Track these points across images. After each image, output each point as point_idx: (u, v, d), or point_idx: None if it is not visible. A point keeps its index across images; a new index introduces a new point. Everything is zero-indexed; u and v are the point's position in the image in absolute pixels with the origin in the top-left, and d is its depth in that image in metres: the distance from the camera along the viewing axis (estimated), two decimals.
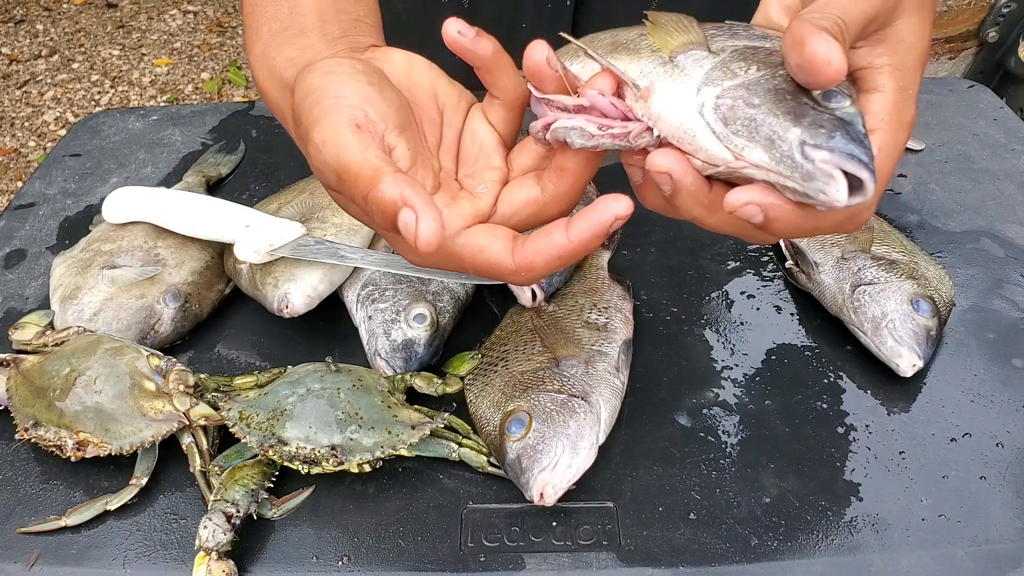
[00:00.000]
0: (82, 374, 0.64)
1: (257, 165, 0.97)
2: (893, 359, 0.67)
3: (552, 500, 0.57)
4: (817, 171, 0.38)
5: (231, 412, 0.63)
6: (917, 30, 0.52)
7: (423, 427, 0.62)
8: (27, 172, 2.74)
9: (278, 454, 0.60)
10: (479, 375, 0.68)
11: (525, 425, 0.60)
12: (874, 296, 0.70)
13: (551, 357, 0.66)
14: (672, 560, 0.57)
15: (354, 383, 0.64)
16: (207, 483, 0.61)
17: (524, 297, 0.75)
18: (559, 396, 0.62)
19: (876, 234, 0.76)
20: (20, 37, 3.42)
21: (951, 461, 0.62)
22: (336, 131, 0.45)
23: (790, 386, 0.69)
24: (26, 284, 0.82)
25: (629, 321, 0.71)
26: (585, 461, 0.59)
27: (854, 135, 0.39)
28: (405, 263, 0.71)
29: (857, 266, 0.72)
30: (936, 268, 0.74)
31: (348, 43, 0.54)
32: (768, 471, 0.62)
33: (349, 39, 0.54)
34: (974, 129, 0.99)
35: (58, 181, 0.96)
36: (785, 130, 0.39)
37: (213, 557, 0.55)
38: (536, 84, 0.46)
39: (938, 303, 0.70)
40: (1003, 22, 1.93)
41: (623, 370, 0.66)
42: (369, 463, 0.61)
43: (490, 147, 0.51)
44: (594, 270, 0.78)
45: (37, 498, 0.62)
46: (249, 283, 0.73)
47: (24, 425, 0.63)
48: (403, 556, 0.58)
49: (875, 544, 0.57)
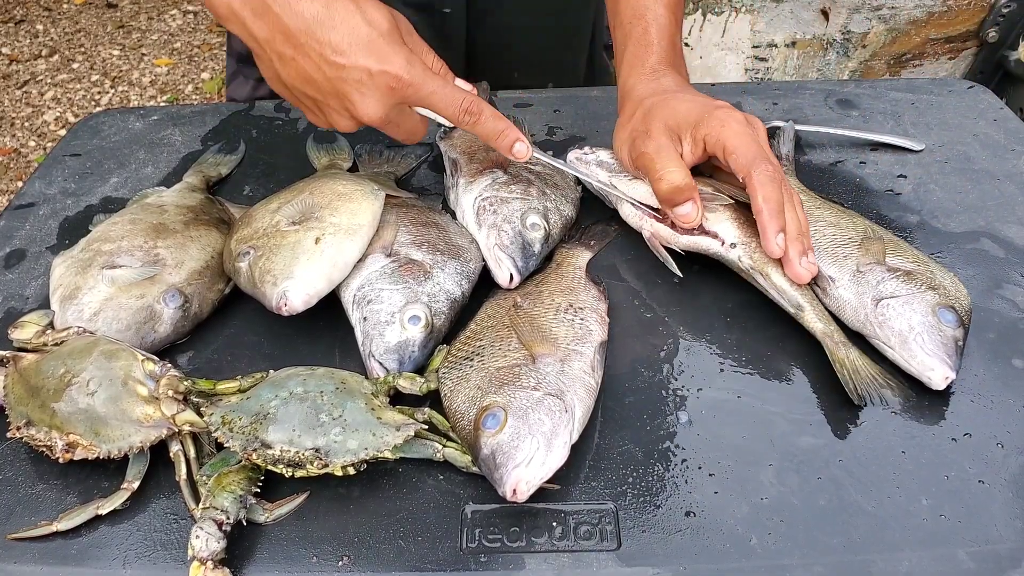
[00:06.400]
0: (76, 376, 0.64)
1: (257, 165, 0.97)
2: (925, 373, 0.66)
3: (524, 497, 0.57)
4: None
5: (214, 417, 0.63)
6: (672, 74, 0.84)
7: (407, 429, 0.62)
8: (27, 172, 2.74)
9: (262, 458, 0.60)
10: (453, 368, 0.67)
11: (500, 421, 0.60)
12: (898, 309, 0.68)
13: (527, 354, 0.66)
14: (672, 560, 0.57)
15: (337, 386, 0.64)
16: (193, 493, 0.61)
17: (501, 277, 0.75)
18: (535, 393, 0.62)
19: (886, 243, 0.75)
20: (20, 37, 3.42)
21: (951, 461, 0.62)
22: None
23: (790, 385, 0.69)
24: (26, 284, 0.82)
25: (604, 321, 0.72)
26: (558, 459, 0.59)
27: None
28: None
29: (876, 279, 0.71)
30: (949, 275, 0.73)
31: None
32: (768, 471, 0.62)
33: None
34: (974, 130, 0.98)
35: (58, 181, 0.96)
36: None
37: (209, 567, 0.55)
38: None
39: (960, 312, 0.69)
40: (1003, 22, 1.93)
41: (598, 370, 0.67)
42: (353, 465, 0.61)
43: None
44: (572, 269, 0.78)
45: (37, 498, 0.62)
46: (248, 281, 0.73)
47: (17, 424, 0.63)
48: (403, 556, 0.58)
49: (875, 544, 0.57)
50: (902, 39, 1.98)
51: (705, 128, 0.75)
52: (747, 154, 0.73)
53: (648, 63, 0.83)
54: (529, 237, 0.77)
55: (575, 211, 0.85)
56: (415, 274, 0.73)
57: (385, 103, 0.70)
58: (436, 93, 0.71)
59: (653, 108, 0.79)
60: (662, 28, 0.84)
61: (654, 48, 0.84)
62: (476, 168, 0.83)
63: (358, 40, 0.67)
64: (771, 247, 0.71)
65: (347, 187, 0.78)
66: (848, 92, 1.07)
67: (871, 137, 0.97)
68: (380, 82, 0.68)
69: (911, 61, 2.03)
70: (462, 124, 0.74)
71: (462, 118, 0.73)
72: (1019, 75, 1.95)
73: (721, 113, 0.76)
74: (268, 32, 0.67)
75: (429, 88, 0.70)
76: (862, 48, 1.99)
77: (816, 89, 1.08)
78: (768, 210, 0.71)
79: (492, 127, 0.74)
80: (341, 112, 0.71)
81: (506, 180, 0.82)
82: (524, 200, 0.80)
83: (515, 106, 1.05)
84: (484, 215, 0.79)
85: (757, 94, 1.07)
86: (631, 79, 0.84)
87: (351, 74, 0.67)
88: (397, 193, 0.83)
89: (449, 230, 0.80)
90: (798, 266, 0.71)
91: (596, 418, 0.66)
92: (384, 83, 0.68)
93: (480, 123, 0.74)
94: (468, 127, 0.74)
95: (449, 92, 0.72)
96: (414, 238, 0.77)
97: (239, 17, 0.67)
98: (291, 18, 0.66)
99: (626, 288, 0.79)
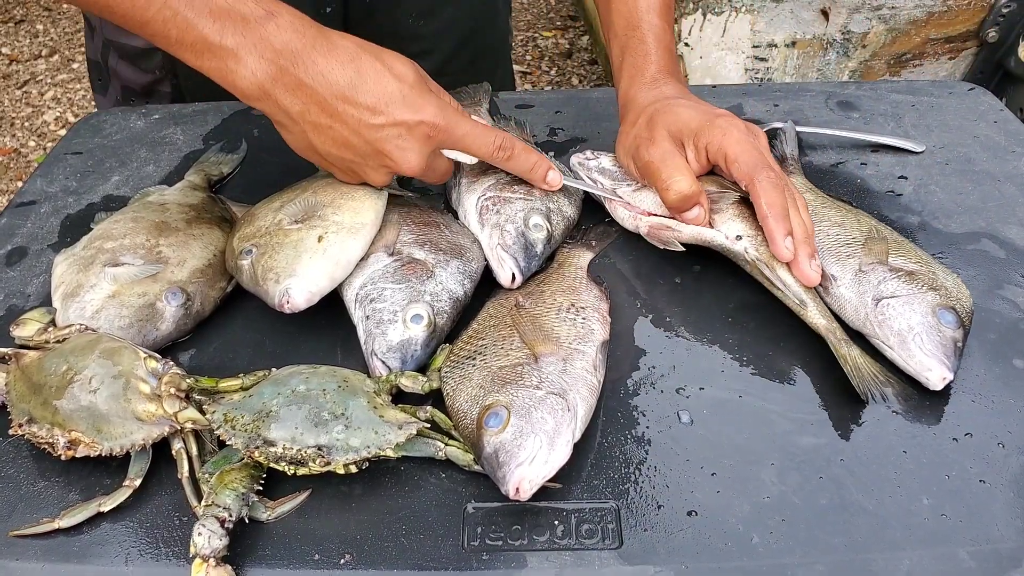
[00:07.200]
0: (79, 373, 0.64)
1: (259, 164, 0.97)
2: (923, 373, 0.66)
3: (527, 495, 0.57)
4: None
5: (216, 415, 0.63)
6: (672, 83, 0.84)
7: (409, 427, 0.62)
8: (27, 172, 2.74)
9: (264, 455, 0.60)
10: (456, 367, 0.67)
11: (503, 420, 0.60)
12: (898, 309, 0.69)
13: (529, 353, 0.66)
14: (674, 559, 0.57)
15: (339, 384, 0.64)
16: (195, 490, 0.61)
17: (503, 276, 0.75)
18: (538, 392, 0.62)
19: (889, 244, 0.75)
20: (20, 37, 3.42)
21: (952, 461, 0.62)
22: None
23: (792, 385, 0.69)
24: (28, 281, 0.82)
25: (606, 321, 0.72)
26: (561, 458, 0.59)
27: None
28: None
29: (877, 278, 0.71)
30: (952, 277, 0.73)
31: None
32: (770, 470, 0.62)
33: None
34: (974, 131, 0.99)
35: (59, 179, 0.96)
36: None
37: (211, 564, 0.55)
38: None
39: (960, 313, 0.69)
40: (1003, 22, 1.93)
41: (600, 369, 0.67)
42: (355, 463, 0.61)
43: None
44: (573, 269, 0.78)
45: (39, 496, 0.62)
46: (250, 279, 0.73)
47: (19, 421, 0.63)
48: (405, 554, 0.58)
49: (877, 543, 0.57)
50: (902, 39, 1.99)
51: (707, 137, 0.76)
52: (749, 162, 0.74)
53: (648, 72, 0.84)
54: (532, 238, 0.77)
55: (577, 213, 0.85)
56: (418, 273, 0.73)
57: (423, 152, 0.71)
58: (469, 135, 0.73)
59: (656, 114, 0.79)
60: (658, 37, 0.85)
61: (652, 57, 0.85)
62: (478, 168, 0.83)
63: (391, 97, 0.69)
64: (780, 251, 0.71)
65: (350, 186, 0.79)
66: (849, 94, 1.07)
67: (872, 139, 0.97)
68: (418, 133, 0.70)
69: (911, 61, 2.03)
70: (496, 161, 0.77)
71: (496, 155, 0.76)
72: (1019, 75, 1.96)
73: (722, 122, 0.76)
74: (303, 105, 0.68)
75: (463, 130, 0.73)
76: (862, 48, 1.99)
77: (817, 91, 1.08)
78: (773, 215, 0.71)
79: (525, 161, 0.78)
80: (378, 169, 0.73)
81: (509, 180, 0.82)
82: (527, 200, 0.80)
83: (516, 107, 1.05)
84: (487, 215, 0.79)
85: (758, 96, 1.07)
86: (632, 89, 0.84)
87: (390, 132, 0.69)
88: (399, 192, 0.83)
89: (451, 229, 0.80)
90: (808, 268, 0.71)
91: (598, 417, 0.66)
92: (422, 133, 0.70)
93: (513, 158, 0.77)
94: (501, 163, 0.77)
95: (481, 132, 0.74)
96: (416, 237, 0.77)
97: (271, 96, 0.68)
98: (326, 88, 0.67)
99: (628, 288, 0.79)
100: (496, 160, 0.76)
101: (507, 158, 0.76)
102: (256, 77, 0.67)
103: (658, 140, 0.77)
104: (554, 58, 3.22)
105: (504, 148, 0.76)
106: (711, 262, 0.80)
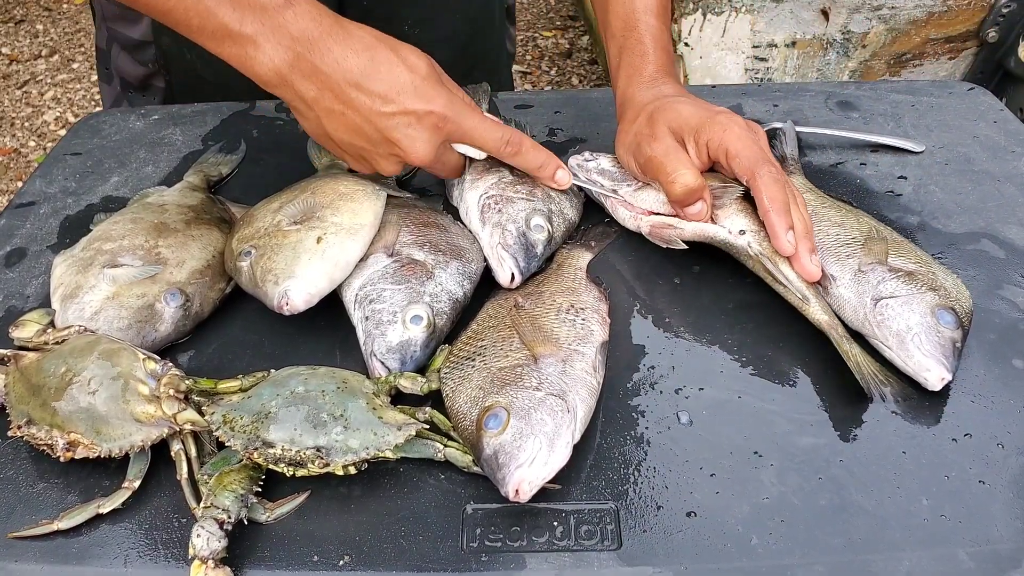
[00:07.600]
0: (77, 374, 0.64)
1: (258, 164, 0.97)
2: (921, 373, 0.66)
3: (527, 497, 0.57)
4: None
5: (215, 416, 0.63)
6: (670, 82, 0.84)
7: (408, 428, 0.62)
8: (27, 172, 2.74)
9: (263, 457, 0.60)
10: (455, 368, 0.67)
11: (503, 421, 0.60)
12: (897, 309, 0.68)
13: (529, 354, 0.66)
14: (673, 560, 0.57)
15: (338, 385, 0.64)
16: (194, 492, 0.61)
17: (503, 276, 0.75)
18: (537, 393, 0.62)
19: (889, 244, 0.75)
20: (20, 37, 3.42)
21: (952, 461, 0.62)
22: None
23: (791, 386, 0.69)
24: (27, 283, 0.82)
25: (606, 322, 0.72)
26: (561, 459, 0.59)
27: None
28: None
29: (876, 279, 0.71)
30: (952, 277, 0.73)
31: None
32: (769, 470, 0.62)
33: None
34: (974, 131, 0.99)
35: (59, 180, 0.96)
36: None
37: (210, 565, 0.55)
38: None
39: (959, 313, 0.69)
40: (1003, 22, 1.93)
41: (599, 370, 0.67)
42: (355, 465, 0.61)
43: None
44: (573, 270, 0.78)
45: (38, 497, 0.62)
46: (249, 280, 0.73)
47: (18, 422, 0.63)
48: (404, 555, 0.58)
49: (876, 544, 0.57)
50: (902, 39, 1.98)
51: (707, 133, 0.76)
52: (750, 157, 0.74)
53: (646, 72, 0.84)
54: (532, 238, 0.77)
55: (578, 215, 0.85)
56: (417, 274, 0.73)
57: (432, 142, 0.72)
58: (478, 128, 0.74)
59: (656, 112, 0.79)
60: (655, 37, 0.86)
61: (650, 58, 0.85)
62: (483, 165, 0.83)
63: (403, 87, 0.70)
64: (782, 245, 0.71)
65: (349, 187, 0.79)
66: (848, 94, 1.07)
67: (871, 139, 0.97)
68: (427, 122, 0.71)
69: (911, 61, 2.03)
70: (504, 156, 0.77)
71: (504, 150, 0.76)
72: (1019, 75, 1.96)
73: (722, 118, 0.77)
74: (317, 91, 0.70)
75: (471, 123, 0.74)
76: (862, 48, 1.99)
77: (816, 91, 1.08)
78: (775, 209, 0.71)
79: (534, 158, 0.78)
80: (388, 158, 0.74)
81: (512, 180, 0.82)
82: (529, 201, 0.80)
83: (515, 107, 1.05)
84: (489, 213, 0.79)
85: (757, 96, 1.07)
86: (630, 88, 0.85)
87: (400, 120, 0.70)
88: (398, 194, 0.83)
89: (451, 231, 0.80)
90: (808, 263, 0.71)
91: (597, 418, 0.66)
92: (431, 123, 0.71)
93: (521, 154, 0.77)
94: (509, 159, 0.78)
95: (489, 126, 0.75)
96: (416, 238, 0.77)
97: (288, 82, 0.69)
98: (340, 75, 0.69)
99: (627, 289, 0.79)
100: (504, 155, 0.77)
101: (515, 153, 0.77)
102: (274, 63, 0.68)
103: (660, 136, 0.78)
104: (554, 58, 3.23)
105: (512, 144, 0.76)
106: (710, 263, 0.80)
